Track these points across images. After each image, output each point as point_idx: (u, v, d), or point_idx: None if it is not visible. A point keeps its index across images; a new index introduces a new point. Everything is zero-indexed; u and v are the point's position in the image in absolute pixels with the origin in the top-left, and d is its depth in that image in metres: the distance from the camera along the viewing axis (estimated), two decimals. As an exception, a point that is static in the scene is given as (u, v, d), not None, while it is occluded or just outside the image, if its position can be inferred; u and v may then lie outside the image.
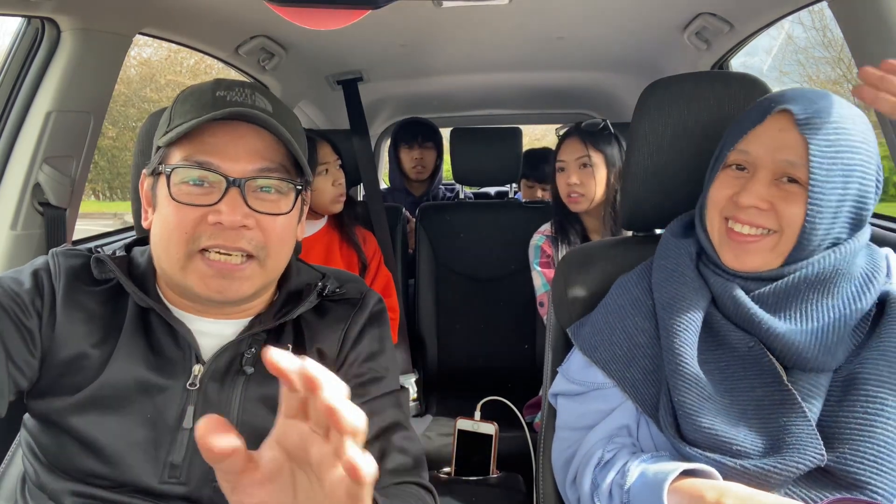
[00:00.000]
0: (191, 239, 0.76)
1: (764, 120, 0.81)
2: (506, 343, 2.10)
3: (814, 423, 0.75)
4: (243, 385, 0.80)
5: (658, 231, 1.07)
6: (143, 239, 0.89)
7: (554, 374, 1.04)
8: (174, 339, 0.81)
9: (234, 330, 0.84)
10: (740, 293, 0.82)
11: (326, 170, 1.66)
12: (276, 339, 0.84)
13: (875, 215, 1.57)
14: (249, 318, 0.85)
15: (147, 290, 0.82)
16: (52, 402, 0.77)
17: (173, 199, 0.76)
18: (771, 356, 0.79)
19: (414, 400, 1.97)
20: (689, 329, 0.83)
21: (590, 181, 1.68)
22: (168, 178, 0.77)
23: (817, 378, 0.77)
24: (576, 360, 0.96)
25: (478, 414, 1.47)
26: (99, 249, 0.85)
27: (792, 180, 0.79)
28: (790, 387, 0.77)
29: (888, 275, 0.81)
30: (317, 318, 0.88)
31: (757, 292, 0.82)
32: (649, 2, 1.58)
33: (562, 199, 1.75)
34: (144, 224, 0.82)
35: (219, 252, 0.77)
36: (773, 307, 0.80)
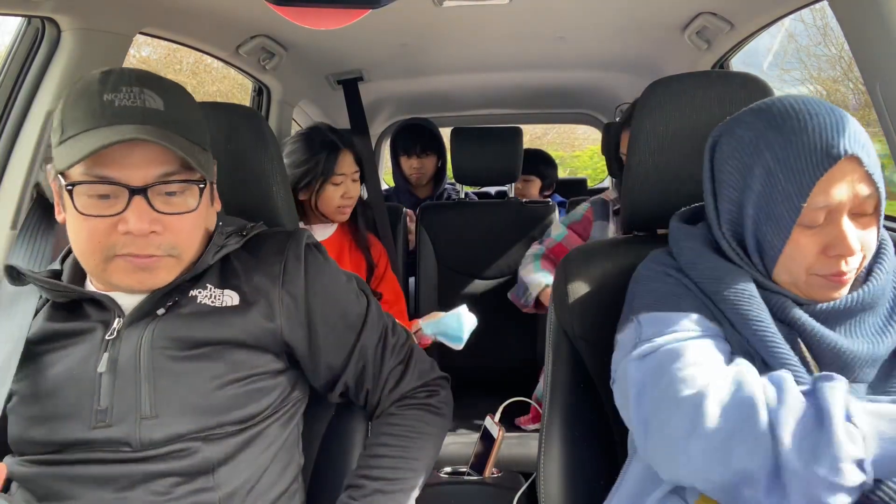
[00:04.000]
0: (104, 248, 0.80)
1: (833, 166, 0.74)
2: (507, 342, 2.11)
3: None
4: (154, 326, 0.83)
5: (660, 231, 1.07)
6: None
7: (554, 373, 1.03)
8: (100, 307, 0.86)
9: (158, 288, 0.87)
10: (793, 306, 0.79)
11: (341, 181, 1.64)
12: (195, 283, 0.88)
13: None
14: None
15: (74, 281, 0.88)
16: None
17: (80, 212, 0.79)
18: (808, 355, 0.78)
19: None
20: (753, 300, 0.78)
21: None
22: (70, 194, 0.79)
23: (855, 388, 0.76)
24: (659, 321, 0.80)
25: (498, 414, 1.46)
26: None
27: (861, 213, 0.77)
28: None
29: None
30: (248, 254, 0.92)
31: (814, 309, 0.79)
32: (649, 1, 1.58)
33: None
34: (59, 218, 0.85)
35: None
36: (824, 322, 0.79)
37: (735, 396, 0.69)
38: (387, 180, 3.23)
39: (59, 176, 0.79)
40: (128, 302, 0.86)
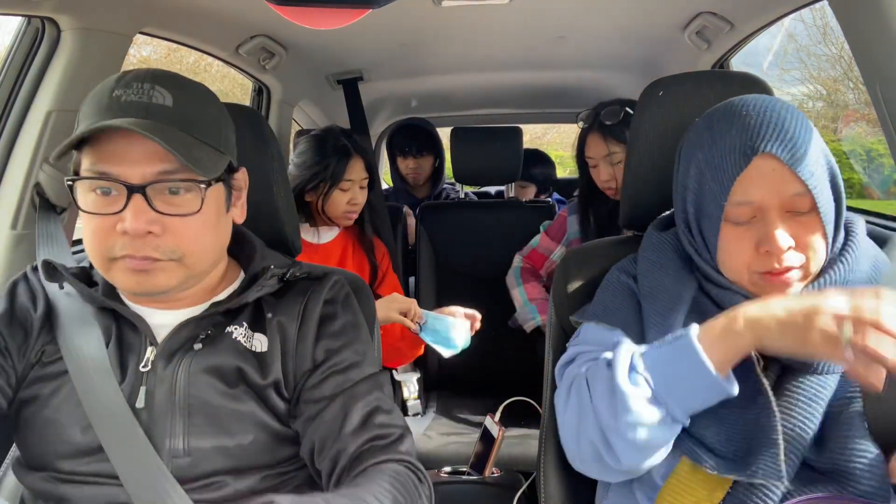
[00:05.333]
0: (105, 248, 0.77)
1: (748, 165, 0.77)
2: (506, 342, 2.10)
3: (812, 426, 0.74)
4: (189, 360, 0.82)
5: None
6: None
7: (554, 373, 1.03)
8: (133, 330, 0.84)
9: (192, 316, 0.85)
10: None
11: (348, 187, 1.63)
12: (231, 319, 0.86)
13: (876, 214, 1.56)
14: (208, 304, 0.86)
15: (108, 290, 0.85)
16: (30, 403, 0.82)
17: (80, 209, 0.78)
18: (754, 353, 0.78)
19: (415, 399, 1.97)
20: (670, 320, 0.83)
21: (620, 174, 1.68)
22: (72, 189, 0.78)
23: (824, 380, 0.76)
24: (590, 331, 0.92)
25: (498, 414, 1.46)
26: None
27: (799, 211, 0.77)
28: (766, 383, 0.76)
29: None
30: (277, 296, 0.89)
31: None
32: (649, 1, 1.58)
33: (586, 190, 1.80)
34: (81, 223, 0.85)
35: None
36: None
37: (577, 385, 0.83)
38: (386, 180, 3.23)
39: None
40: (159, 321, 0.84)
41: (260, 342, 0.85)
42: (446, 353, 1.50)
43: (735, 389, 0.73)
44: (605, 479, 0.86)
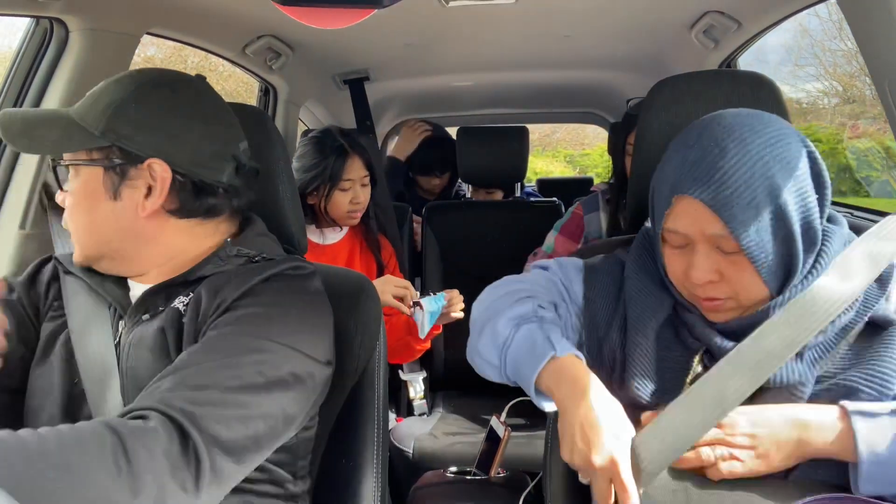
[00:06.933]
0: None
1: (672, 203, 0.78)
2: (512, 342, 2.11)
3: None
4: (132, 329, 0.83)
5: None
6: None
7: None
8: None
9: (150, 286, 0.87)
10: (700, 322, 0.83)
11: (349, 187, 1.62)
12: (185, 292, 0.84)
13: (878, 213, 1.55)
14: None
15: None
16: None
17: None
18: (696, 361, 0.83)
19: (421, 398, 1.97)
20: (643, 321, 0.86)
21: None
22: None
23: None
24: (568, 260, 1.01)
25: (504, 414, 1.46)
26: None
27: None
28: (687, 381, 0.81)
29: (884, 287, 0.78)
30: (221, 275, 0.84)
31: (724, 326, 0.81)
32: (656, 0, 1.58)
33: (620, 179, 1.76)
34: None
35: None
36: (734, 336, 0.79)
37: (506, 286, 1.03)
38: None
39: None
40: (136, 293, 0.87)
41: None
42: (423, 332, 1.52)
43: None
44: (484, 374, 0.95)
